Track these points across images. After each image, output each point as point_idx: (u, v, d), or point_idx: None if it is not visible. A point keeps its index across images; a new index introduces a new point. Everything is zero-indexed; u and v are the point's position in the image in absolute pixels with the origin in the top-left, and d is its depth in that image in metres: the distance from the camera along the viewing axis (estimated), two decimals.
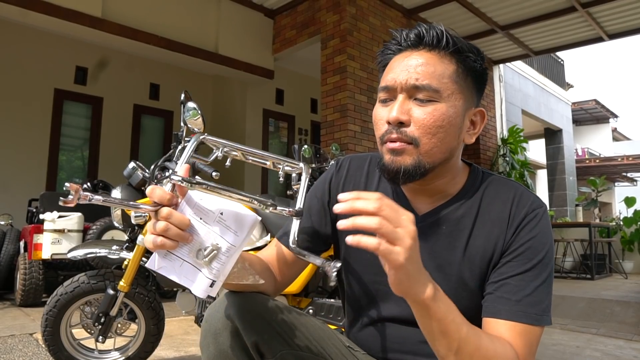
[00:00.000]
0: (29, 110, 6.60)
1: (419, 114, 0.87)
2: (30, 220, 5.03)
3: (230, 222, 0.75)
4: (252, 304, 0.87)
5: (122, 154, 7.37)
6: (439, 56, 0.89)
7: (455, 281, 0.92)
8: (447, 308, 0.76)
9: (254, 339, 0.84)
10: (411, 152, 0.88)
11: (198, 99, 2.04)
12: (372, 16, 6.06)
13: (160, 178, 2.23)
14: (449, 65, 0.89)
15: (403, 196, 1.00)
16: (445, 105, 0.87)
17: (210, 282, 0.74)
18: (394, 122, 0.87)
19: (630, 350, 3.17)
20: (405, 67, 0.89)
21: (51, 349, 2.19)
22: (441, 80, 0.87)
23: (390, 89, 0.90)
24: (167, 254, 0.75)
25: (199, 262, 0.74)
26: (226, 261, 0.74)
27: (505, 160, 7.99)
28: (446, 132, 0.88)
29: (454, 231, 0.94)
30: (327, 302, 2.26)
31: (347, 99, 5.61)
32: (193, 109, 1.90)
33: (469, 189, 0.97)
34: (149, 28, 5.74)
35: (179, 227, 0.73)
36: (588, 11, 6.39)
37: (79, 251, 2.34)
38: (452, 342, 0.75)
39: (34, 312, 4.01)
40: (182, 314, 2.42)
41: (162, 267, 0.75)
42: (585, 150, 18.80)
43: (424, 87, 0.86)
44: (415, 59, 0.89)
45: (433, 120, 0.86)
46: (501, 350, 0.78)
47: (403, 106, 0.88)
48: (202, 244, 0.74)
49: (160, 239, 0.72)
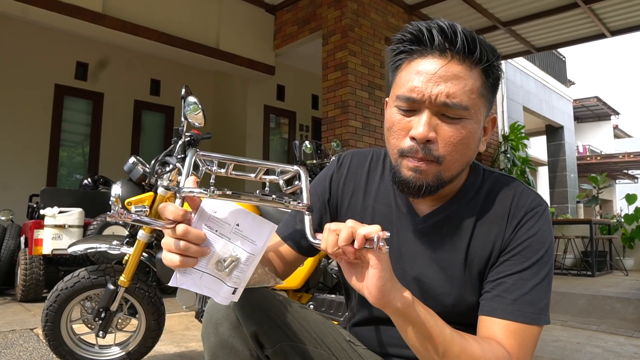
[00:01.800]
0: (30, 105, 6.59)
1: (447, 132, 0.83)
2: (31, 216, 5.03)
3: (247, 232, 0.74)
4: (252, 296, 0.86)
5: (122, 149, 7.37)
6: (469, 68, 0.83)
7: (458, 282, 0.92)
8: (427, 313, 0.76)
9: (254, 330, 0.84)
10: (434, 169, 0.85)
11: (199, 95, 2.03)
12: (374, 12, 6.05)
13: (161, 173, 2.23)
14: (478, 78, 0.84)
15: (404, 198, 0.98)
16: (472, 122, 0.84)
17: (232, 289, 0.75)
18: (421, 140, 0.82)
19: (630, 347, 3.17)
20: (435, 79, 0.82)
21: (52, 344, 2.19)
22: (470, 96, 0.82)
23: (416, 101, 0.83)
24: (187, 268, 0.75)
25: (219, 272, 0.74)
26: (246, 269, 0.74)
27: (507, 157, 7.99)
28: (469, 147, 0.86)
29: (456, 232, 0.93)
30: (328, 297, 2.26)
31: (348, 95, 5.60)
32: (194, 103, 1.90)
33: (469, 187, 0.95)
34: (149, 23, 5.73)
35: (196, 243, 0.72)
36: (590, 7, 6.36)
37: (79, 246, 2.34)
38: (437, 346, 0.75)
39: (35, 307, 4.01)
40: (182, 310, 2.42)
41: (184, 283, 0.75)
42: (586, 148, 18.78)
43: (454, 105, 0.81)
44: (445, 70, 0.82)
45: (460, 138, 0.83)
46: (489, 350, 0.77)
47: (430, 123, 0.82)
48: (221, 256, 0.74)
49: (180, 259, 0.72)
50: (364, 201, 1.02)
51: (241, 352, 0.84)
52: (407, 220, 0.97)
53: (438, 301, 0.91)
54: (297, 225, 1.04)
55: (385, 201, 1.00)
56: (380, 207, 1.00)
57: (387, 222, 0.99)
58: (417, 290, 0.93)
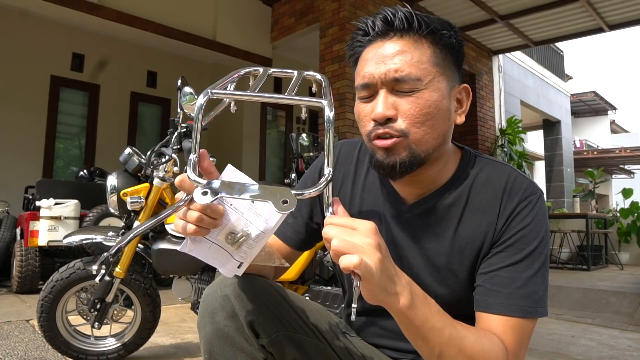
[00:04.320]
0: (25, 97, 6.54)
1: (404, 105, 0.83)
2: (27, 207, 5.01)
3: (261, 209, 0.74)
4: (249, 285, 0.86)
5: (119, 141, 7.33)
6: (413, 41, 0.84)
7: (444, 272, 0.91)
8: (426, 314, 0.73)
9: (250, 319, 0.84)
10: (403, 145, 0.84)
11: (195, 86, 2.01)
12: (371, 4, 6.02)
13: (157, 164, 2.22)
14: (425, 48, 0.85)
15: (391, 187, 0.97)
16: (428, 91, 0.83)
17: (238, 263, 0.76)
18: (381, 119, 0.83)
19: (624, 340, 3.19)
20: (380, 59, 0.84)
21: (47, 335, 2.19)
22: (420, 66, 0.83)
23: (369, 85, 0.85)
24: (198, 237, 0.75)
25: (228, 245, 0.74)
26: (255, 246, 0.74)
27: (504, 151, 7.99)
28: (435, 118, 0.85)
29: (442, 221, 0.92)
30: (324, 289, 2.27)
31: (345, 87, 5.59)
32: (189, 93, 1.89)
33: (459, 175, 0.93)
34: (146, 15, 5.68)
35: (213, 217, 0.71)
36: (589, 1, 6.34)
37: (74, 237, 2.33)
38: (433, 347, 0.74)
39: (30, 298, 4.01)
40: (178, 301, 2.42)
41: (193, 250, 0.76)
42: (583, 142, 18.81)
43: (404, 78, 0.82)
44: (389, 48, 0.84)
45: (419, 109, 0.83)
46: (488, 348, 0.76)
47: (387, 101, 0.84)
48: (232, 229, 0.74)
49: (193, 228, 0.71)
50: (352, 190, 1.02)
51: (237, 342, 0.84)
52: (393, 210, 0.96)
53: (426, 291, 0.91)
54: (290, 219, 1.04)
55: (372, 190, 1.00)
56: (368, 197, 1.00)
57: (375, 211, 0.98)
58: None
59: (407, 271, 0.93)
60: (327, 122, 0.75)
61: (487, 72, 8.17)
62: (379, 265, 0.66)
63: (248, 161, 7.68)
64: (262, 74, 0.86)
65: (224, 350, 0.84)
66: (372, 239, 0.67)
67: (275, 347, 0.85)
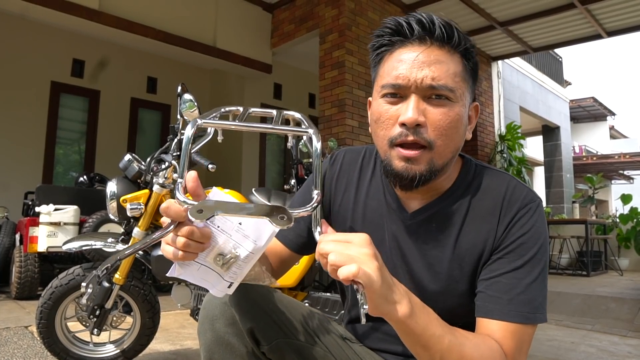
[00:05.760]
0: (26, 102, 6.55)
1: (435, 115, 0.83)
2: (26, 213, 5.01)
3: (249, 231, 0.74)
4: (249, 292, 0.86)
5: (119, 147, 7.34)
6: (450, 53, 0.85)
7: (445, 279, 0.91)
8: (426, 322, 0.73)
9: (250, 326, 0.84)
10: (426, 157, 0.84)
11: (195, 93, 2.02)
12: (371, 11, 6.04)
13: (156, 170, 2.22)
14: (458, 62, 0.85)
15: (394, 194, 0.97)
16: (458, 105, 0.84)
17: (228, 284, 0.76)
18: (411, 125, 0.82)
19: (624, 346, 3.18)
20: (418, 64, 0.83)
21: (46, 342, 2.18)
22: (454, 79, 0.84)
23: (402, 87, 0.84)
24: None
25: (217, 267, 0.75)
26: (244, 266, 0.75)
27: (503, 157, 8.00)
28: (458, 132, 0.86)
29: (444, 228, 0.92)
30: (323, 296, 2.26)
31: (345, 94, 5.60)
32: (189, 100, 1.89)
33: (460, 183, 0.94)
34: (146, 21, 5.71)
35: (200, 242, 0.72)
36: (587, 8, 6.38)
37: (74, 243, 2.32)
38: (434, 355, 0.74)
39: (30, 305, 3.99)
40: (177, 308, 2.41)
41: (182, 274, 0.76)
42: (582, 148, 18.84)
43: (442, 88, 0.82)
44: (427, 55, 0.84)
45: (449, 121, 0.83)
46: (488, 354, 0.77)
47: (418, 107, 0.83)
48: (221, 250, 0.74)
49: (180, 254, 0.72)
50: (356, 197, 1.03)
51: (237, 349, 0.84)
52: (396, 217, 0.97)
53: (428, 297, 0.91)
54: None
55: (376, 197, 1.00)
56: (372, 203, 1.00)
57: (378, 217, 0.99)
58: (411, 285, 0.92)
59: (409, 277, 0.94)
60: (315, 151, 0.77)
61: (487, 78, 8.20)
62: (378, 273, 0.67)
63: (248, 167, 7.68)
64: (243, 112, 0.88)
65: (224, 357, 0.84)
66: (368, 249, 0.68)
67: (275, 354, 0.85)
